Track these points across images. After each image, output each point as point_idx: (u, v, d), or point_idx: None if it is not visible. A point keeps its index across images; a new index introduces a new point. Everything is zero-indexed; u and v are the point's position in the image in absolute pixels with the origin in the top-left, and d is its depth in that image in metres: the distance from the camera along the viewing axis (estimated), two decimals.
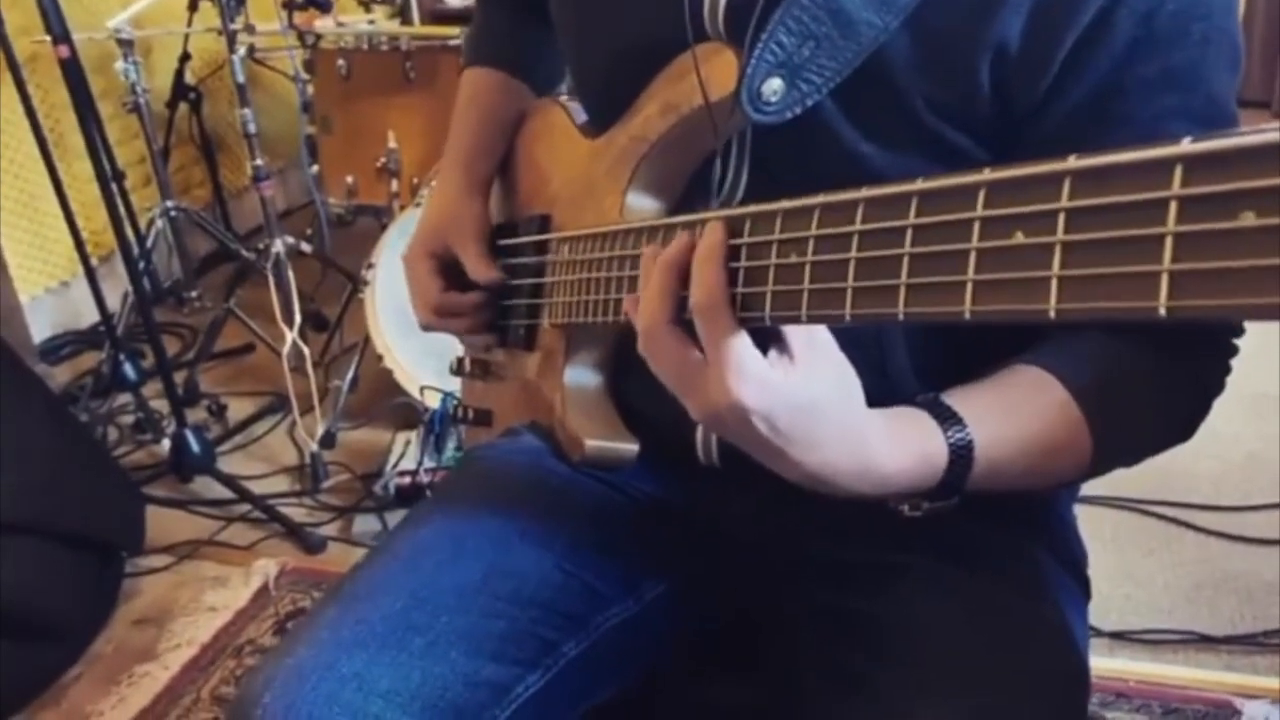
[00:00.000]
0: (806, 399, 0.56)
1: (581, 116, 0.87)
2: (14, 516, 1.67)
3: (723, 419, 0.57)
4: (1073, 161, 0.40)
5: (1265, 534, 1.74)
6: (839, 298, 0.50)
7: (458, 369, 1.04)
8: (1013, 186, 0.43)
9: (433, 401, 2.04)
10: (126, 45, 2.52)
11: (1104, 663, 1.50)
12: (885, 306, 0.48)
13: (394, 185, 2.48)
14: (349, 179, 2.55)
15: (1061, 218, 0.40)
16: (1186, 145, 0.36)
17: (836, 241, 0.50)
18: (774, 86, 0.63)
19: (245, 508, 2.04)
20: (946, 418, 0.62)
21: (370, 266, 2.12)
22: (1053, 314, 0.40)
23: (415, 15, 3.43)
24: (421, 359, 2.17)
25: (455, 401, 1.07)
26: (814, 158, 0.67)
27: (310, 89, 2.80)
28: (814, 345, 0.56)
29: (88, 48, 2.48)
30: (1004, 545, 0.77)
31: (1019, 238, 0.42)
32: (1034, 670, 0.69)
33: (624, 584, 0.77)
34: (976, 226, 0.44)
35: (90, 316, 2.93)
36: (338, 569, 1.88)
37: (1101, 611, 1.60)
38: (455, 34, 2.50)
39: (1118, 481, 1.85)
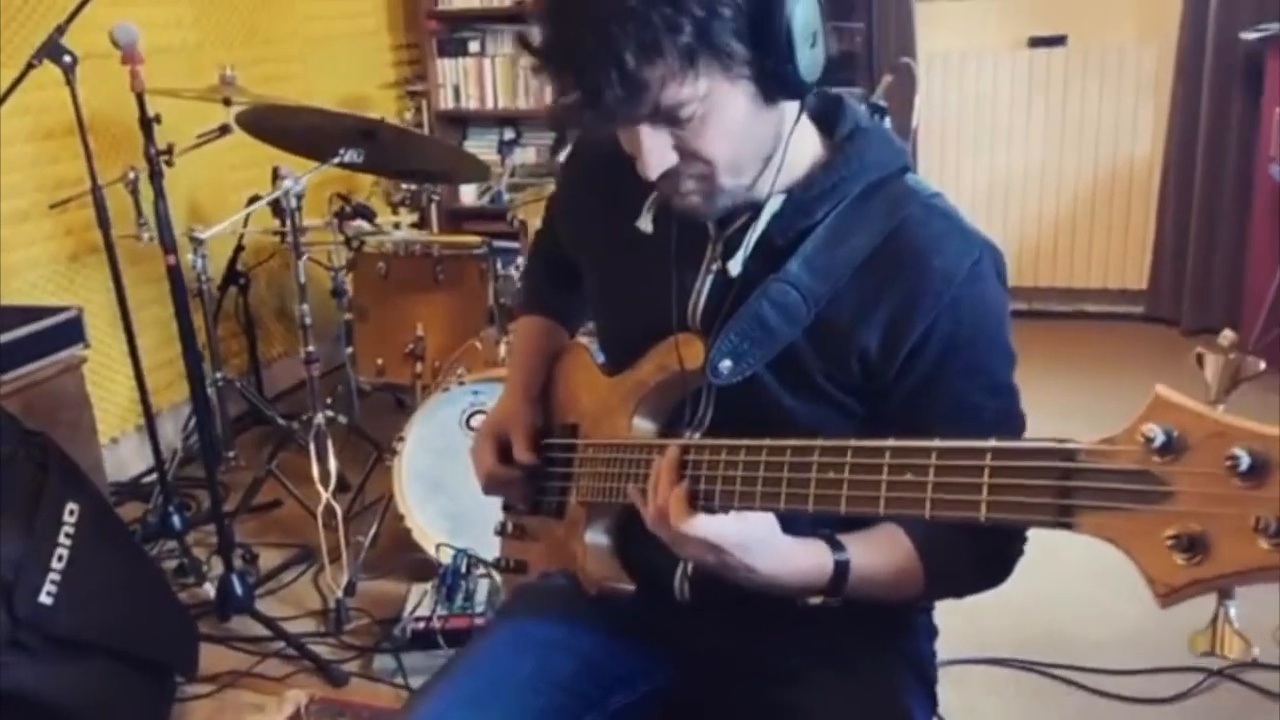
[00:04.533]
0: (758, 537, 0.97)
1: (600, 358, 1.28)
2: (95, 639, 1.98)
3: (711, 562, 0.97)
4: (993, 442, 0.74)
5: (1141, 694, 2.08)
6: (777, 491, 0.90)
7: (501, 530, 1.41)
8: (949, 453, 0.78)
9: (445, 558, 2.40)
10: (198, 242, 2.96)
11: None
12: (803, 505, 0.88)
13: (418, 368, 2.88)
14: (379, 360, 2.96)
15: (988, 464, 0.73)
16: (1076, 444, 0.68)
17: (774, 461, 0.91)
18: (726, 364, 1.04)
19: (278, 645, 2.35)
20: (836, 545, 1.01)
21: (401, 440, 2.50)
22: (983, 519, 0.74)
23: (434, 219, 3.94)
24: (437, 520, 2.53)
25: (497, 557, 1.42)
26: (756, 405, 1.07)
27: (344, 277, 3.24)
28: None
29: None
30: (881, 665, 1.14)
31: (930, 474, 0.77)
32: None
33: (625, 679, 1.14)
34: (885, 469, 0.81)
35: (132, 470, 3.29)
36: (359, 699, 2.20)
37: None
38: (478, 243, 2.93)
39: (1021, 645, 2.21)
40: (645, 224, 1.10)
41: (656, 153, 0.97)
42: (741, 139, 0.99)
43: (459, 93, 4.39)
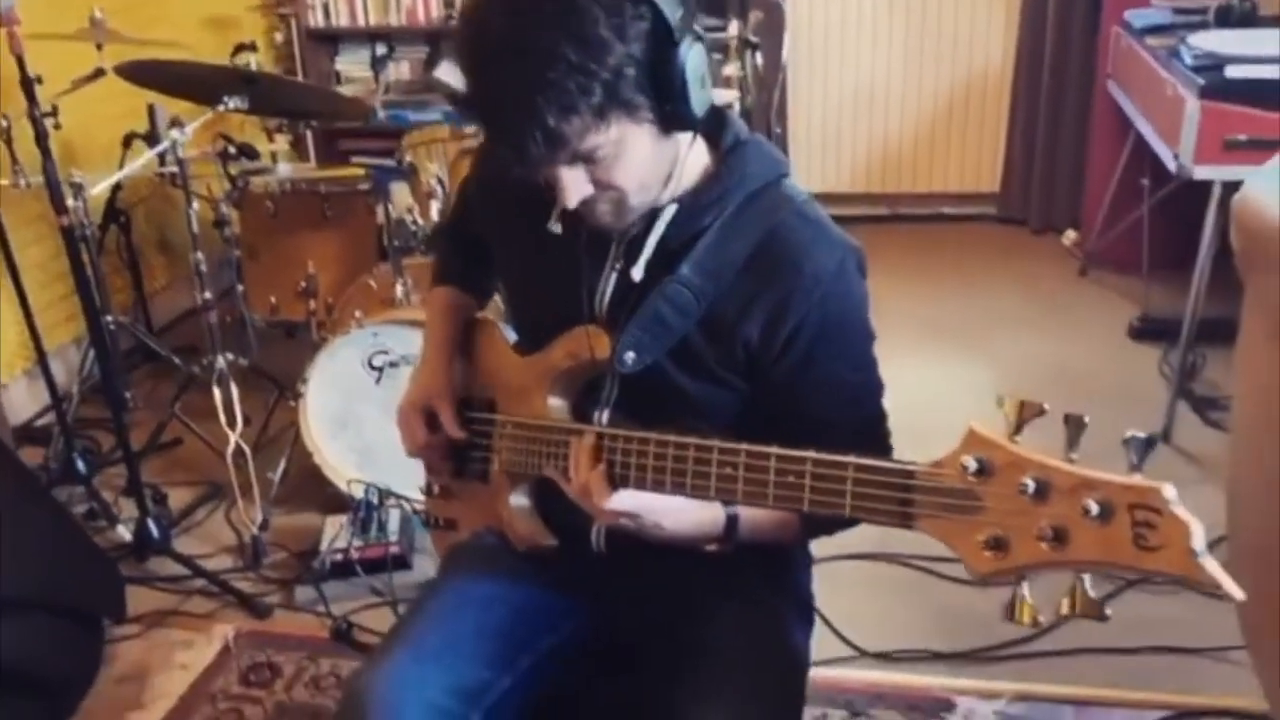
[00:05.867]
0: (666, 503, 1.15)
1: (512, 337, 1.42)
2: (20, 593, 2.07)
3: (626, 525, 1.15)
4: (854, 458, 0.95)
5: None
6: (683, 481, 1.09)
7: (428, 491, 1.55)
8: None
9: (358, 492, 2.53)
10: (78, 188, 2.91)
11: (868, 675, 2.12)
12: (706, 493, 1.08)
13: (312, 304, 2.95)
14: (272, 298, 3.02)
15: (850, 476, 0.96)
16: (915, 466, 0.90)
17: (680, 455, 1.10)
18: (630, 356, 1.21)
19: (199, 583, 2.47)
20: (727, 503, 1.20)
21: (305, 381, 2.59)
22: (847, 516, 0.97)
23: (310, 143, 3.93)
24: (345, 455, 2.64)
25: (426, 512, 1.57)
26: (657, 386, 1.24)
27: (227, 209, 3.21)
28: None
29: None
30: (768, 599, 1.35)
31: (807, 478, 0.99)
32: (773, 663, 1.29)
33: (552, 624, 1.33)
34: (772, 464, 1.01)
35: (23, 415, 3.28)
36: (284, 630, 2.35)
37: (870, 637, 2.22)
38: (363, 175, 2.98)
39: (885, 541, 2.48)
40: (555, 226, 1.23)
41: (575, 187, 1.12)
42: (648, 167, 1.15)
43: (329, 10, 4.31)
